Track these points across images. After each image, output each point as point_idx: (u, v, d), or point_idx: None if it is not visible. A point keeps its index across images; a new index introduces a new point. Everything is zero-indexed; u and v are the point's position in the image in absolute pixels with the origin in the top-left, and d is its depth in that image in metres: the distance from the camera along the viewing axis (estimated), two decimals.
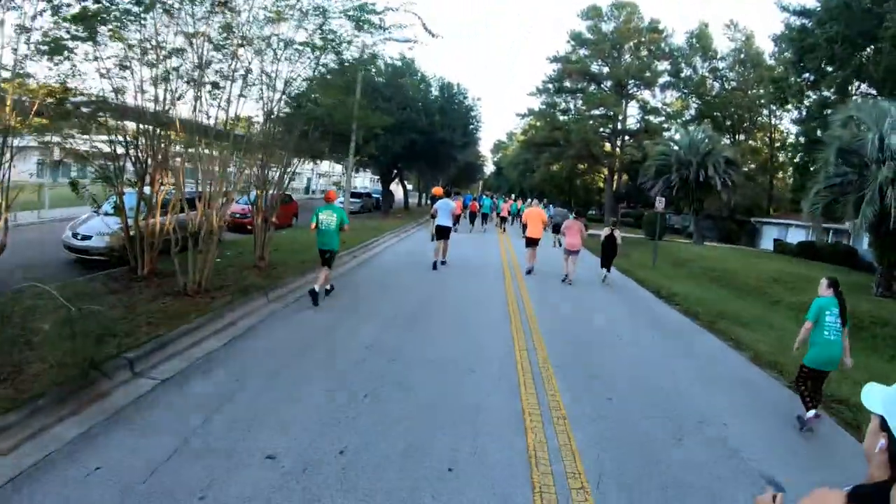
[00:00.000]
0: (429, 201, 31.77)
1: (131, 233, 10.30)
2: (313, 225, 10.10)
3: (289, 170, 13.64)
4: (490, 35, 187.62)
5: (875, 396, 1.56)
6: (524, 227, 17.36)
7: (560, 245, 20.07)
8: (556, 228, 23.05)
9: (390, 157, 27.40)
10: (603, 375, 7.40)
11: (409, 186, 63.23)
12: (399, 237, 23.66)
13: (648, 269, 19.89)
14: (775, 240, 45.57)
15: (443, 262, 15.49)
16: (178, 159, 10.64)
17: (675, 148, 34.97)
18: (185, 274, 9.25)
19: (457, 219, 17.27)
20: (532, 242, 16.01)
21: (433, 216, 16.09)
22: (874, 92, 28.34)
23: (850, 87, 30.50)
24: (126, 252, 10.41)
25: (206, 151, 10.20)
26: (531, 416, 5.84)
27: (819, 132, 31.52)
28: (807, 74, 31.22)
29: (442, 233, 15.60)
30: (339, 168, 59.83)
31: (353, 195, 36.54)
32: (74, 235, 12.10)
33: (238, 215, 20.42)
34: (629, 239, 35.85)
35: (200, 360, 6.78)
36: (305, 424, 5.24)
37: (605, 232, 15.93)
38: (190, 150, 10.12)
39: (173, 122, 9.80)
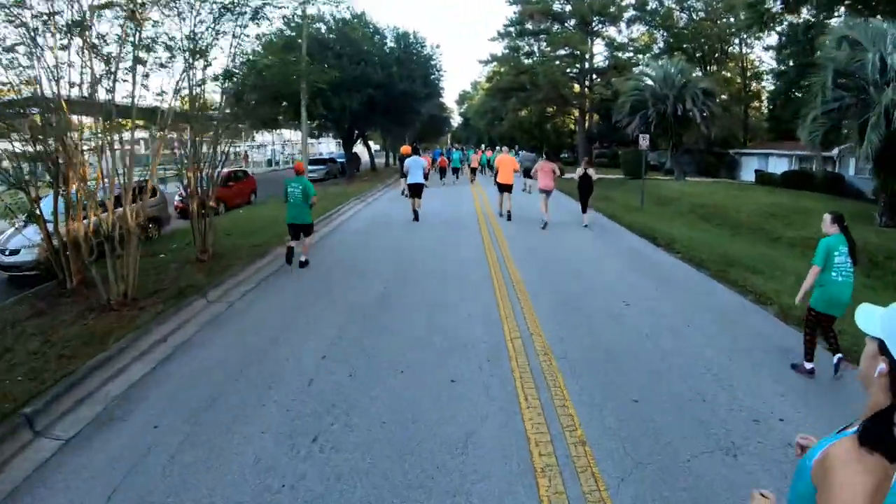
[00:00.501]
0: (397, 161, 31.11)
1: (54, 242, 8.68)
2: (283, 198, 10.20)
3: (222, 143, 11.79)
4: None
5: (872, 318, 1.48)
6: (496, 174, 17.51)
7: (530, 191, 20.97)
8: (527, 173, 22.96)
9: (349, 117, 25.42)
10: (620, 368, 6.02)
11: (377, 147, 61.14)
12: (366, 201, 21.95)
13: (637, 212, 18.56)
14: (756, 170, 44.66)
15: (417, 219, 15.76)
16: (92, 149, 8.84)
17: (649, 82, 33.32)
18: (107, 284, 7.65)
19: (427, 175, 17.40)
20: (504, 188, 16.27)
21: (404, 175, 16.44)
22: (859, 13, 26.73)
23: (835, 8, 28.81)
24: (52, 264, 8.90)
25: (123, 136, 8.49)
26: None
27: (798, 57, 30.06)
28: None
29: (415, 190, 15.87)
30: (299, 136, 57.63)
31: (316, 161, 34.61)
32: (2, 251, 10.64)
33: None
34: (609, 180, 34.74)
35: (116, 402, 5.30)
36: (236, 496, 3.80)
37: (578, 172, 15.71)
38: (102, 135, 8.34)
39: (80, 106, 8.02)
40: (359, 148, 41.95)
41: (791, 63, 34.05)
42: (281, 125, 29.90)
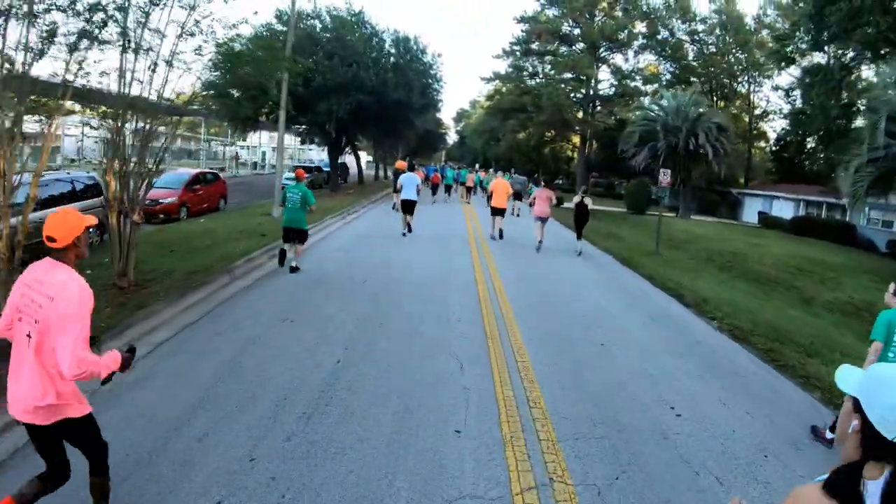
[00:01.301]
0: (391, 175, 30.73)
1: None
2: (280, 203, 10.69)
3: (163, 138, 9.39)
4: None
5: (849, 378, 1.57)
6: (489, 197, 18.28)
7: (518, 214, 22.00)
8: (518, 196, 23.20)
9: (335, 123, 23.02)
10: None
11: (369, 158, 58.81)
12: (345, 219, 19.47)
13: (651, 257, 16.26)
14: (760, 212, 42.97)
15: (409, 232, 15.93)
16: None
17: (660, 113, 31.38)
18: None
19: (419, 190, 17.20)
20: (497, 212, 16.57)
21: (397, 190, 16.78)
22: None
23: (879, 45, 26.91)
24: None
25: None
26: None
27: (822, 97, 28.18)
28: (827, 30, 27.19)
29: (407, 206, 15.91)
30: (296, 141, 55.08)
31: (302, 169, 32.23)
32: None
33: (149, 202, 16.80)
34: (609, 213, 32.59)
35: None
36: None
37: (575, 200, 15.75)
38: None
39: None
40: (350, 158, 39.57)
41: (810, 102, 32.05)
42: (262, 126, 27.45)
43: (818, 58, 32.89)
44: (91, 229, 3.16)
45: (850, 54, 28.27)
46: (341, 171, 38.55)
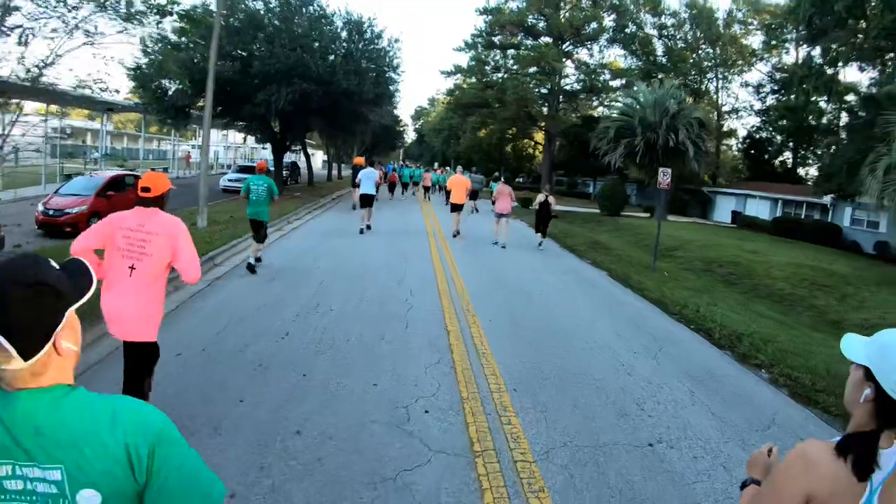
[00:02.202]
0: (350, 171, 27.72)
1: None
2: (243, 194, 10.20)
3: None
4: None
5: (857, 347, 1.53)
6: (447, 194, 18.83)
7: (476, 211, 22.80)
8: (474, 195, 23.48)
9: (277, 116, 19.85)
10: None
11: (326, 157, 55.41)
12: (282, 231, 16.25)
13: (649, 273, 13.73)
14: (733, 212, 41.37)
15: (368, 227, 16.12)
16: None
17: (637, 107, 29.02)
18: None
19: (378, 187, 17.48)
20: (455, 208, 16.60)
21: (356, 185, 16.83)
22: None
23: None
24: None
25: None
26: None
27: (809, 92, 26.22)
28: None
29: (366, 200, 16.04)
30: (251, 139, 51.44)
31: (245, 169, 28.78)
32: None
33: (53, 212, 14.59)
34: (580, 214, 30.25)
35: None
36: None
37: (539, 198, 15.83)
38: None
39: None
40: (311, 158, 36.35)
41: (796, 97, 30.23)
42: (194, 119, 24.14)
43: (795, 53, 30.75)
44: None
45: (841, 49, 26.19)
46: (290, 171, 35.28)
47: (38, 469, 1.15)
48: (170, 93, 20.13)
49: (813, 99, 26.88)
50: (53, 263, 1.24)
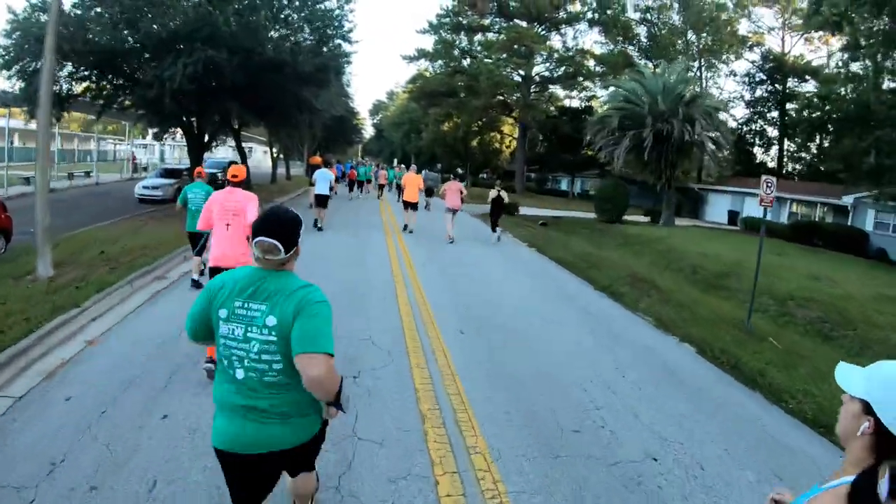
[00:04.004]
0: (305, 169, 29.45)
1: None
2: (179, 206, 9.23)
3: None
4: None
5: (854, 379, 1.48)
6: (400, 191, 19.82)
7: (428, 208, 22.79)
8: (429, 192, 24.09)
9: (169, 98, 13.74)
10: None
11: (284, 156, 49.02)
12: (166, 286, 10.58)
13: (749, 340, 8.61)
14: (730, 211, 37.16)
15: (320, 229, 15.68)
16: None
17: (642, 95, 24.10)
18: None
19: (333, 187, 17.26)
20: (409, 205, 16.61)
21: (312, 184, 16.77)
22: None
23: None
24: None
25: None
26: None
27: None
28: None
29: (321, 201, 15.93)
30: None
31: (168, 174, 22.81)
32: None
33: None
34: (575, 221, 25.31)
35: None
36: None
37: (492, 194, 16.04)
38: None
39: None
40: (262, 158, 30.15)
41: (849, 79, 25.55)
42: (77, 107, 18.09)
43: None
44: None
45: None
46: (225, 173, 29.40)
47: (259, 303, 2.30)
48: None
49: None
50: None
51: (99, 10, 13.06)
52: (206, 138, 20.13)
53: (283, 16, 15.72)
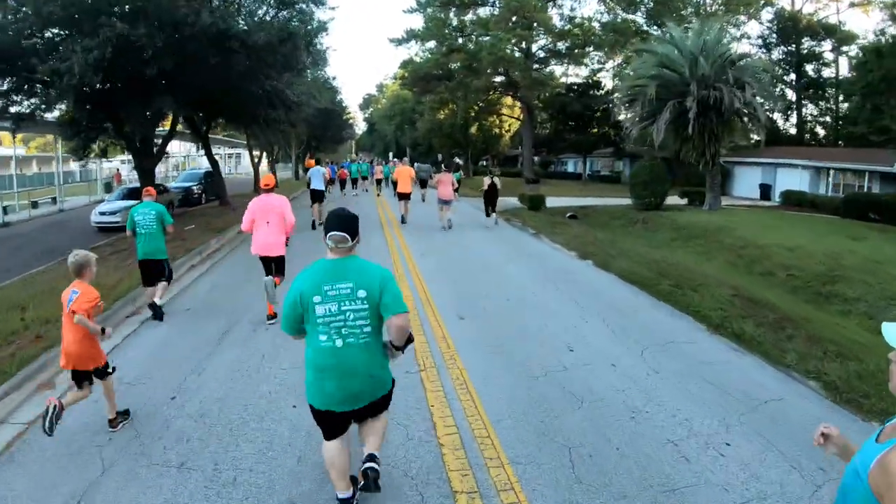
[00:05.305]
0: (304, 173, 28.90)
1: None
2: (129, 232, 8.02)
3: None
4: None
5: None
6: (394, 184, 19.41)
7: (424, 200, 23.69)
8: (423, 184, 24.93)
9: (82, 101, 10.00)
10: None
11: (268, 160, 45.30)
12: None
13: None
14: (762, 185, 33.44)
15: (320, 224, 14.43)
16: None
17: (679, 60, 20.30)
18: None
19: (327, 187, 19.47)
20: (403, 196, 17.00)
21: (308, 184, 17.32)
22: None
23: None
24: None
25: None
26: None
27: None
28: None
29: (316, 196, 16.56)
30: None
31: (133, 194, 19.02)
32: None
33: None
34: (609, 209, 21.65)
35: None
36: None
37: (486, 181, 16.60)
38: None
39: None
40: (247, 164, 26.58)
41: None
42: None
43: None
44: None
45: None
46: (205, 185, 25.90)
47: (344, 283, 3.03)
48: None
49: None
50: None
51: None
52: (157, 148, 16.30)
53: None
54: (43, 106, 11.28)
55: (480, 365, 5.76)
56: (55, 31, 9.86)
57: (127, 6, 9.38)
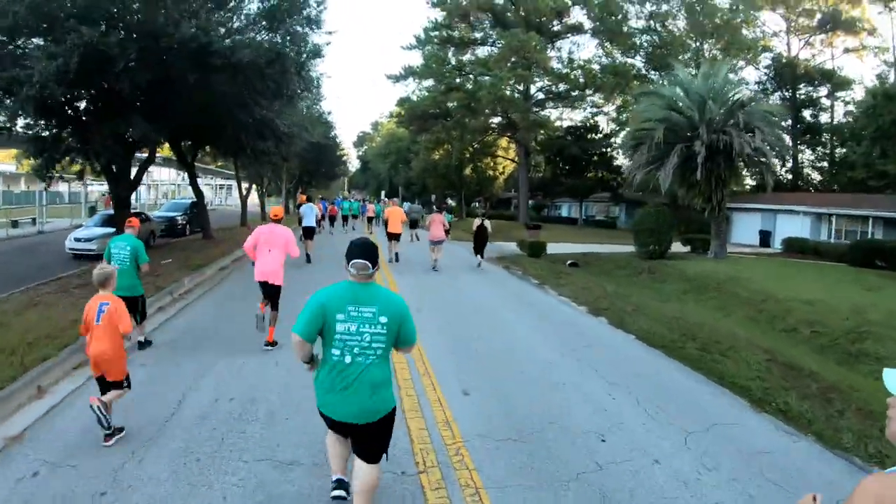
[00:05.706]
0: (296, 209, 28.83)
1: None
2: (106, 263, 6.68)
3: None
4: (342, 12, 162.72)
5: None
6: (385, 223, 19.32)
7: (417, 239, 23.67)
8: (413, 224, 25.21)
9: (42, 116, 8.96)
10: None
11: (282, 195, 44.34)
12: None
13: None
14: (761, 231, 32.85)
15: (309, 261, 16.27)
16: None
17: (686, 104, 19.69)
18: None
19: (319, 223, 20.37)
20: (393, 237, 17.23)
21: (300, 221, 17.82)
22: None
23: None
24: None
25: None
26: None
27: None
28: None
29: (308, 233, 17.13)
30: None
31: (111, 221, 17.92)
32: None
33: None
34: (612, 257, 20.64)
35: None
36: None
37: (476, 223, 17.24)
38: None
39: None
40: (237, 195, 25.54)
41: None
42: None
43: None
44: None
45: None
46: (189, 216, 24.89)
47: (368, 307, 3.21)
48: None
49: None
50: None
51: None
52: (134, 175, 15.23)
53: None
54: (1, 118, 10.23)
55: (493, 463, 4.59)
56: (20, 37, 8.90)
57: (99, 12, 8.43)
